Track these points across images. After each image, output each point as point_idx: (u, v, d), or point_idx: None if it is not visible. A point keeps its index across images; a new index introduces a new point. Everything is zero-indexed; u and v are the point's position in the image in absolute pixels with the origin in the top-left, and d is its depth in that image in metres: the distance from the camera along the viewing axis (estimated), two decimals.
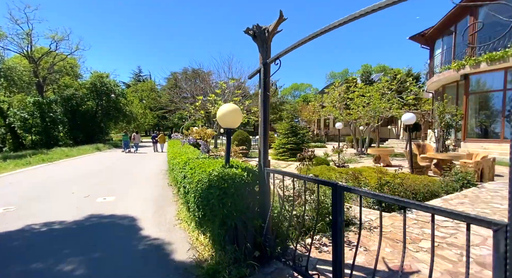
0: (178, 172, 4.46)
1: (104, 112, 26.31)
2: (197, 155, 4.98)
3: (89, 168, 11.09)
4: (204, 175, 2.98)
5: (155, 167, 11.29)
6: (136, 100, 37.13)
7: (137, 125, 34.97)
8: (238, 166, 3.11)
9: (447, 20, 12.56)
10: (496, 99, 10.58)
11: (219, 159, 3.97)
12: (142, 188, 7.00)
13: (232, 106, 2.95)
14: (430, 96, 19.24)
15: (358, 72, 71.89)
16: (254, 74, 2.96)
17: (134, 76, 60.99)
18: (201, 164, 3.53)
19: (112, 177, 8.81)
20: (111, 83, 26.22)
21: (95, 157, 15.74)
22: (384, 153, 9.79)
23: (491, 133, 10.81)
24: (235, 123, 3.00)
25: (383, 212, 4.20)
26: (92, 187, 7.19)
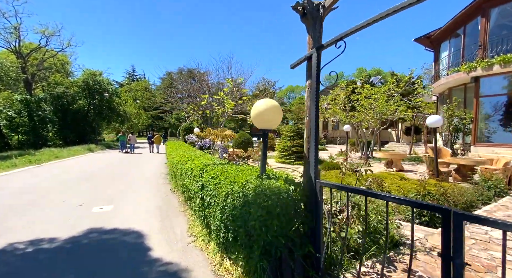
0: (191, 179, 3.85)
1: (97, 112, 25.25)
2: (212, 159, 4.38)
3: (81, 170, 10.27)
4: (235, 187, 2.39)
5: (153, 169, 10.56)
6: (130, 100, 36.02)
7: (130, 126, 33.88)
8: (276, 176, 2.54)
9: (455, 22, 12.33)
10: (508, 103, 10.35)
11: (244, 165, 3.38)
12: (142, 195, 6.32)
13: (271, 103, 2.39)
14: (432, 100, 19.10)
15: (353, 75, 72.48)
16: (301, 61, 2.40)
17: (128, 76, 59.64)
18: (225, 172, 2.94)
19: (108, 181, 8.07)
20: (104, 82, 25.22)
21: (88, 159, 14.84)
22: (397, 157, 9.37)
23: (503, 138, 10.55)
24: (275, 122, 2.44)
25: (427, 227, 3.68)
26: (86, 193, 6.46)
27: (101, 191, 6.72)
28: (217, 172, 3.13)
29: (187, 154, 5.69)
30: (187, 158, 4.96)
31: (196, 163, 4.05)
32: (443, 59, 13.95)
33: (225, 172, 3.00)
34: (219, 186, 2.72)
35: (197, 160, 4.47)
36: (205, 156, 4.97)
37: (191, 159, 4.74)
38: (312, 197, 2.21)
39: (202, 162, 4.01)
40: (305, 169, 2.38)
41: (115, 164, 12.31)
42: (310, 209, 2.24)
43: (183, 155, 5.58)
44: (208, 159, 4.36)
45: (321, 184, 2.15)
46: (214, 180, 2.92)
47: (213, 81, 23.34)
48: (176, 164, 5.53)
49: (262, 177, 2.44)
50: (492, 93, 10.75)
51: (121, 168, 11.12)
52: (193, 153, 5.83)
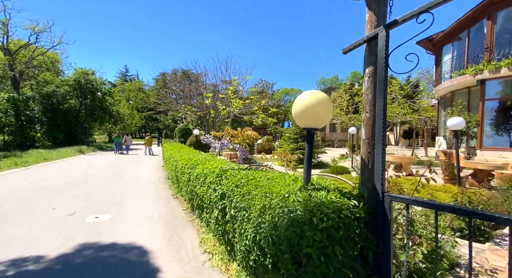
0: (205, 186, 3.34)
1: (89, 112, 24.27)
2: (227, 163, 3.89)
3: (72, 174, 9.56)
4: (275, 200, 1.92)
5: (151, 172, 9.93)
6: (123, 100, 35.03)
7: (123, 127, 32.87)
8: (323, 186, 2.07)
9: (459, 25, 12.25)
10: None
11: (274, 172, 2.90)
12: (142, 201, 5.75)
13: (319, 95, 1.93)
14: (432, 103, 19.08)
15: (348, 79, 72.99)
16: (358, 44, 1.96)
17: (121, 76, 58.44)
18: (253, 180, 2.46)
19: (103, 185, 7.42)
20: (97, 81, 24.31)
21: (79, 161, 14.03)
22: (406, 161, 9.07)
23: (510, 142, 10.42)
24: (324, 119, 1.98)
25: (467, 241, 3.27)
26: (79, 199, 5.83)
27: (95, 197, 6.10)
28: (241, 179, 2.65)
29: (194, 156, 5.16)
30: (196, 161, 4.44)
31: (210, 168, 3.54)
32: (445, 62, 13.86)
33: (253, 179, 2.52)
34: (249, 197, 2.23)
35: (208, 163, 3.97)
36: (216, 159, 4.47)
37: (202, 162, 4.23)
38: (378, 214, 1.75)
39: (217, 167, 3.51)
40: (364, 178, 1.93)
41: (109, 167, 11.60)
42: (374, 229, 1.78)
43: (190, 158, 5.05)
44: (223, 163, 3.86)
45: (392, 198, 1.69)
46: (240, 189, 2.43)
47: (210, 83, 22.83)
48: (181, 168, 4.99)
49: (308, 188, 1.97)
50: (499, 96, 10.63)
51: (116, 170, 10.44)
52: (200, 156, 5.31)
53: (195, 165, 4.28)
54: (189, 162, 4.72)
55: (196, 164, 4.29)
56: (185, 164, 4.86)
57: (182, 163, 5.06)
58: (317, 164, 11.25)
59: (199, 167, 3.95)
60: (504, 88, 10.47)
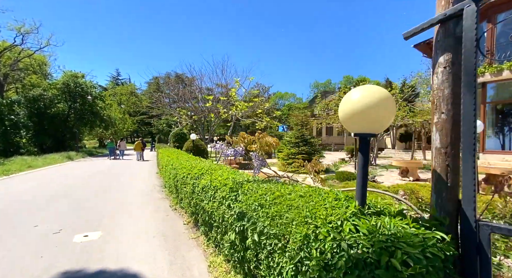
0: (215, 202, 2.85)
1: (78, 116, 23.30)
2: (238, 173, 3.41)
3: (59, 183, 8.84)
4: (322, 229, 1.49)
5: (145, 180, 9.30)
6: (114, 104, 34.04)
7: (115, 131, 31.84)
8: (380, 208, 1.63)
9: None
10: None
11: (301, 185, 2.44)
12: (137, 214, 5.17)
13: (379, 92, 1.50)
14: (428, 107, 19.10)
15: (340, 83, 73.84)
16: (429, 25, 1.55)
17: (112, 80, 57.22)
18: (280, 198, 2.00)
19: (93, 196, 6.78)
20: (87, 84, 23.43)
21: (67, 168, 13.21)
22: (413, 165, 8.78)
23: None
24: (386, 123, 1.55)
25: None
26: (65, 214, 5.21)
27: (84, 210, 5.49)
28: (264, 195, 2.18)
29: (197, 164, 4.65)
30: (200, 171, 3.94)
31: (220, 179, 3.06)
32: None
33: (280, 196, 2.06)
34: (281, 222, 1.77)
35: (216, 173, 3.48)
36: (223, 168, 3.98)
37: (207, 172, 3.73)
38: (470, 250, 1.31)
39: (228, 178, 3.03)
40: (440, 199, 1.49)
41: (99, 174, 10.88)
42: (462, 272, 1.34)
43: (192, 166, 4.53)
44: (234, 173, 3.37)
45: (493, 229, 1.26)
46: (267, 210, 1.96)
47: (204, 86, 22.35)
48: (183, 177, 4.47)
49: (365, 211, 1.52)
50: (501, 99, 10.56)
51: (107, 178, 9.76)
52: (203, 163, 4.80)
53: (200, 175, 3.78)
54: (192, 171, 4.21)
55: (201, 173, 3.79)
56: (187, 173, 4.35)
57: (183, 172, 4.54)
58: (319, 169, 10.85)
59: (206, 178, 3.45)
60: (505, 91, 10.40)
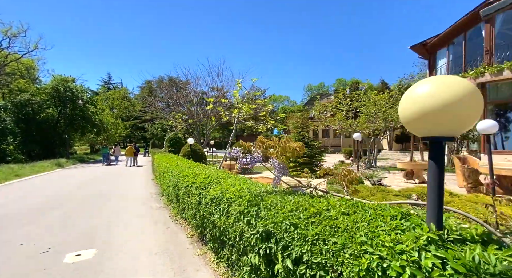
0: (230, 218, 2.49)
1: (68, 122, 22.50)
2: (250, 182, 3.07)
3: (48, 193, 8.28)
4: (393, 262, 1.17)
5: (140, 187, 8.83)
6: (106, 108, 33.22)
7: (107, 137, 30.99)
8: (454, 228, 1.31)
9: (455, 29, 12.29)
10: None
11: (331, 197, 2.10)
12: (134, 227, 4.75)
13: (462, 84, 1.20)
14: None
15: (333, 86, 74.48)
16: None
17: (103, 84, 56.08)
18: (318, 216, 1.67)
19: (85, 207, 6.30)
20: (77, 89, 22.71)
21: (56, 176, 12.57)
22: (418, 167, 8.59)
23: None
24: (469, 123, 1.24)
25: None
26: (55, 229, 4.74)
27: (76, 224, 5.02)
28: (295, 211, 1.85)
29: (201, 171, 4.27)
30: (207, 179, 3.58)
31: (233, 190, 2.71)
32: (441, 66, 13.87)
33: (318, 214, 1.73)
34: (327, 248, 1.44)
35: (226, 182, 3.13)
36: (234, 176, 3.62)
37: (216, 181, 3.38)
38: None
39: (242, 188, 2.68)
40: None
41: (91, 182, 10.32)
42: None
43: (196, 174, 4.16)
44: (249, 183, 3.03)
45: None
46: (305, 232, 1.63)
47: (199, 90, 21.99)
48: (186, 186, 4.09)
49: (444, 237, 1.20)
50: (501, 99, 10.56)
51: (99, 186, 9.23)
52: (208, 170, 4.43)
53: (207, 184, 3.42)
54: (196, 179, 3.84)
55: (208, 182, 3.43)
56: (190, 181, 3.97)
57: (186, 180, 4.17)
58: (328, 173, 10.59)
59: (215, 188, 3.09)
60: (506, 91, 10.41)
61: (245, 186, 2.78)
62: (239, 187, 2.79)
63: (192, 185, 3.85)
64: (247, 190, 2.61)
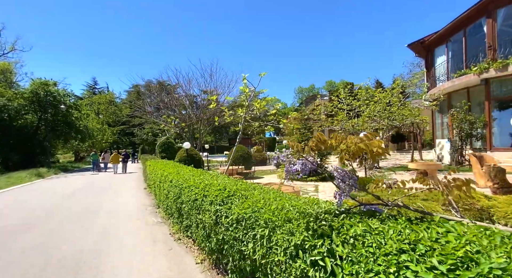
0: (277, 255, 1.76)
1: (49, 128, 20.95)
2: (295, 199, 2.34)
3: (24, 209, 7.19)
4: None
5: (132, 198, 7.89)
6: (92, 114, 31.56)
7: (92, 144, 29.38)
8: None
9: (455, 25, 12.15)
10: None
11: (446, 222, 1.40)
12: (129, 250, 3.90)
13: None
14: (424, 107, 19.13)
15: (323, 88, 75.05)
16: None
17: (88, 88, 53.74)
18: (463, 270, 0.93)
19: (67, 226, 5.35)
20: (60, 93, 21.24)
21: (35, 189, 11.32)
22: (432, 168, 8.12)
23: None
24: None
25: None
26: (31, 256, 3.82)
27: (56, 248, 4.11)
28: (417, 255, 1.15)
29: (213, 181, 3.49)
30: (224, 191, 2.82)
31: (272, 208, 1.98)
32: (441, 64, 13.72)
33: (431, 250, 1.03)
34: None
35: (253, 195, 2.39)
36: (257, 187, 2.88)
37: (239, 194, 2.62)
38: None
39: (286, 206, 1.96)
40: None
41: (76, 194, 9.24)
42: None
43: (207, 184, 3.39)
44: (285, 197, 2.30)
45: None
46: None
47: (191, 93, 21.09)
48: (195, 200, 3.32)
49: None
50: (506, 94, 10.36)
51: (85, 199, 8.20)
52: (221, 179, 3.67)
53: (226, 197, 2.66)
54: (209, 190, 3.08)
55: (228, 196, 2.68)
56: (201, 194, 3.21)
57: (195, 193, 3.40)
58: (327, 176, 9.97)
59: (241, 204, 2.35)
60: (510, 87, 10.23)
61: (287, 203, 2.05)
62: (280, 203, 2.06)
63: (204, 199, 3.08)
64: (293, 208, 1.89)
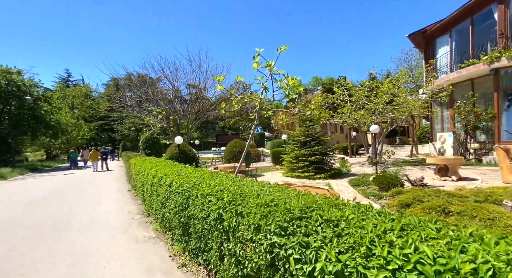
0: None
1: (14, 123, 18.45)
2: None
3: None
4: None
5: (115, 204, 6.51)
6: (65, 107, 28.70)
7: (67, 140, 26.75)
8: None
9: (461, 13, 11.62)
10: None
11: None
12: None
13: None
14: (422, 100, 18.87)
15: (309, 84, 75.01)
16: None
17: (61, 81, 49.36)
18: None
19: (29, 246, 3.96)
20: (25, 83, 18.74)
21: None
22: (453, 162, 7.46)
23: None
24: None
25: None
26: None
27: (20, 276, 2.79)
28: None
29: (243, 188, 2.34)
30: (264, 205, 1.70)
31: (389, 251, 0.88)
32: (442, 55, 13.25)
33: None
34: None
35: (334, 215, 1.29)
36: (330, 198, 1.78)
37: (298, 212, 1.50)
38: None
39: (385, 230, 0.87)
40: None
41: (44, 201, 7.65)
42: None
43: (233, 192, 2.24)
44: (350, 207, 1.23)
45: None
46: None
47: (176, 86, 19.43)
48: (218, 221, 2.17)
49: None
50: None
51: (57, 207, 6.69)
52: (246, 186, 2.53)
53: (289, 221, 1.54)
54: (245, 204, 1.94)
55: (290, 219, 1.56)
56: (230, 210, 2.06)
57: (220, 207, 2.24)
58: (336, 173, 9.11)
59: (334, 238, 1.23)
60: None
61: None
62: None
63: (238, 220, 1.93)
64: None
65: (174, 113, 17.98)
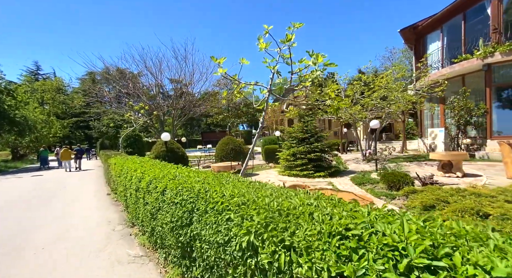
0: None
1: None
2: None
3: None
4: None
5: (91, 211, 5.53)
6: (34, 103, 26.16)
7: (36, 138, 24.40)
8: None
9: (453, 8, 11.57)
10: None
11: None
12: None
13: None
14: None
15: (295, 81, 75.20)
16: None
17: (29, 74, 45.26)
18: None
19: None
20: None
21: None
22: (458, 158, 7.23)
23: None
24: None
25: None
26: None
27: None
28: None
29: (274, 196, 1.64)
30: (332, 236, 1.02)
31: None
32: (434, 51, 13.23)
33: None
34: None
35: None
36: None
37: (361, 227, 0.83)
38: None
39: None
40: None
41: (6, 207, 6.45)
42: None
43: (262, 205, 1.53)
44: None
45: None
46: None
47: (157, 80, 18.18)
48: (247, 254, 1.44)
49: None
50: (510, 81, 10.03)
51: (19, 216, 5.57)
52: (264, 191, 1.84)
53: None
54: (301, 226, 1.25)
55: (352, 233, 0.87)
56: (276, 235, 1.35)
57: (246, 228, 1.52)
58: (336, 171, 8.66)
59: None
60: None
61: None
62: None
63: (299, 263, 1.22)
64: None
65: (157, 109, 16.81)
